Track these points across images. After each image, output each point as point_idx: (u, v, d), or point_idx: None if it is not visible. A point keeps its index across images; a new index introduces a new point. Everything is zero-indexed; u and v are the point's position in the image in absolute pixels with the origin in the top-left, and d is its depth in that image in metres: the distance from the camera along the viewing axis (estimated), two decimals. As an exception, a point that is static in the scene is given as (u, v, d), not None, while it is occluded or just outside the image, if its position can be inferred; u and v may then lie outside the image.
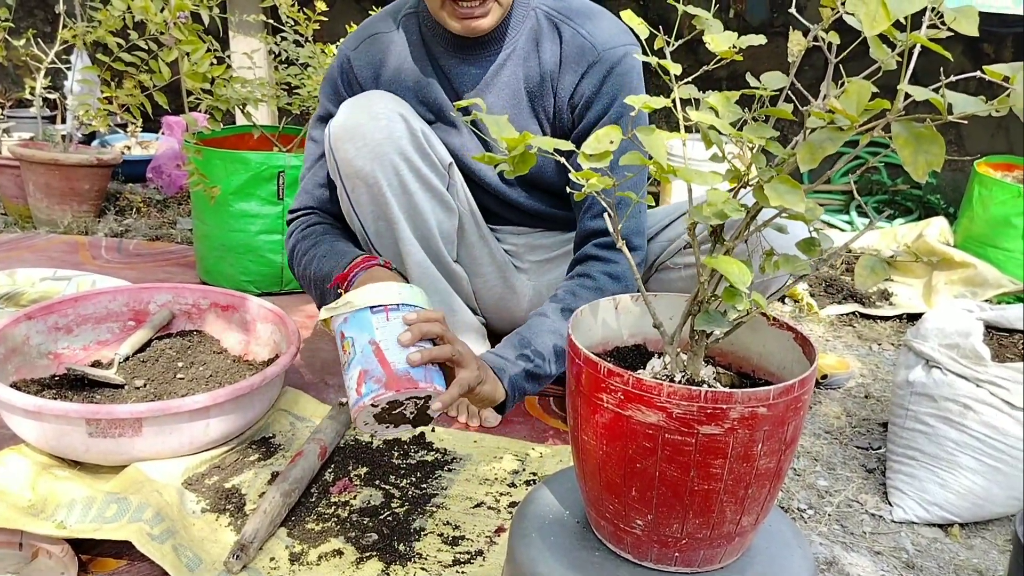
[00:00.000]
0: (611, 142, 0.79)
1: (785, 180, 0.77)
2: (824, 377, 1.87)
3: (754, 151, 0.81)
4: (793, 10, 0.86)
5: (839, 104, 0.73)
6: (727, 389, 0.87)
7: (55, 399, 1.37)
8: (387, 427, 1.13)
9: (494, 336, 1.63)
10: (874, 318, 2.32)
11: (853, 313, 2.33)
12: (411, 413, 1.11)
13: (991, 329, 1.52)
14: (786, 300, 2.37)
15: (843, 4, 0.75)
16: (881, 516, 1.40)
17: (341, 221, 1.52)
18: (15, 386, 1.39)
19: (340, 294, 1.26)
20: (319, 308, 1.37)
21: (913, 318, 2.30)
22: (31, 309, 1.51)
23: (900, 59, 0.77)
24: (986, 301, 2.29)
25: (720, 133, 0.80)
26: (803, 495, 1.45)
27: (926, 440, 1.41)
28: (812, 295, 2.39)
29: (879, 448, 1.62)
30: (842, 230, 3.19)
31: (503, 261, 1.60)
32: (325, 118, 1.49)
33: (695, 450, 0.80)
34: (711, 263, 0.79)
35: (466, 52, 1.43)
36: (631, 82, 1.40)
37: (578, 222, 1.47)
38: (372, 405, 1.06)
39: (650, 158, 0.78)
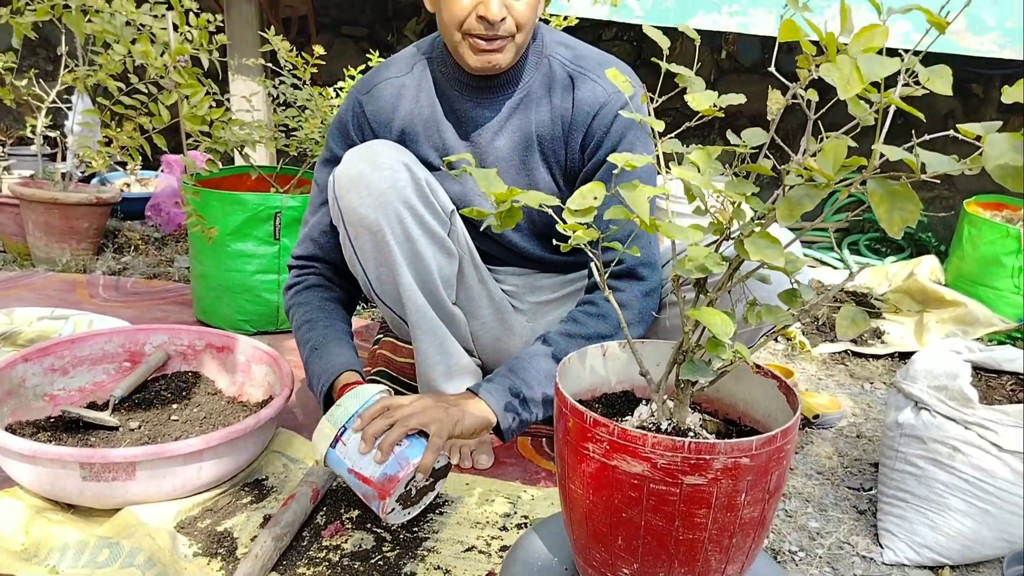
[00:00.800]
0: (595, 198, 0.81)
1: (764, 235, 0.79)
2: (816, 417, 1.88)
3: (735, 206, 0.83)
4: (772, 69, 0.89)
5: (815, 163, 0.75)
6: (711, 439, 0.88)
7: (50, 441, 1.37)
8: (420, 501, 1.24)
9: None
10: (866, 356, 2.34)
11: (845, 351, 2.34)
12: (425, 481, 1.22)
13: (980, 371, 1.54)
14: (779, 338, 2.39)
15: (818, 67, 0.77)
16: (872, 558, 1.41)
17: (341, 272, 1.55)
18: (10, 428, 1.40)
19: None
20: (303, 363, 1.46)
21: (905, 356, 2.31)
22: (28, 351, 1.53)
23: (878, 115, 0.79)
24: (977, 340, 2.30)
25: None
26: (794, 537, 1.45)
27: (916, 482, 1.41)
28: (804, 333, 2.41)
29: (871, 489, 1.62)
30: (834, 268, 3.21)
31: (501, 302, 1.62)
32: (331, 161, 1.51)
33: (679, 500, 0.81)
34: (694, 315, 0.81)
35: (480, 94, 1.47)
36: (637, 123, 1.43)
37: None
38: (387, 513, 1.18)
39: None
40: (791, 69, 0.90)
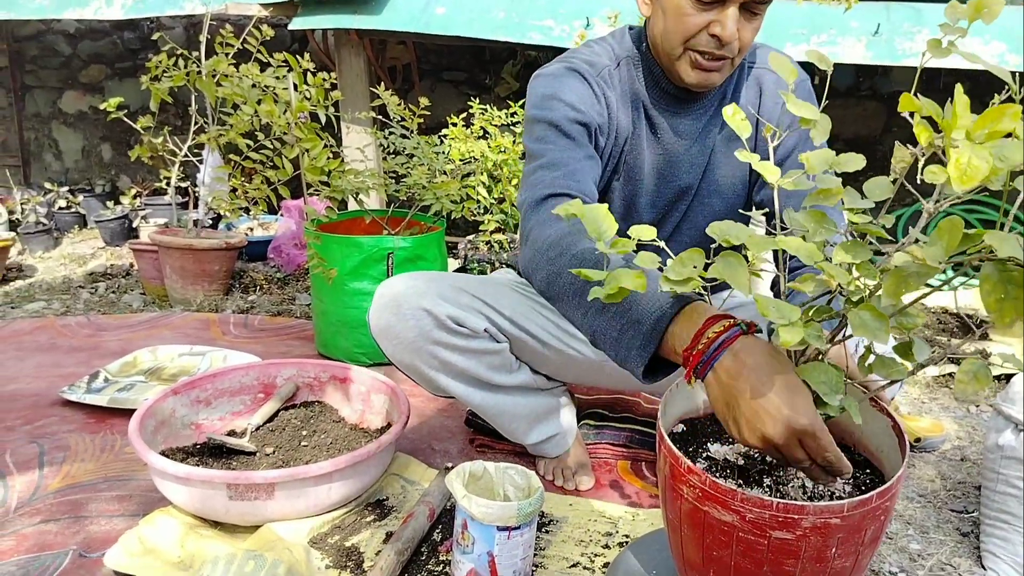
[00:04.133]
0: (694, 267, 0.85)
1: (870, 308, 0.79)
2: (918, 440, 1.88)
3: (847, 270, 0.82)
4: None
5: (921, 252, 0.74)
6: (799, 501, 0.92)
7: (198, 466, 1.54)
8: None
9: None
10: (973, 379, 2.30)
11: (950, 374, 2.32)
12: None
13: (1082, 392, 1.53)
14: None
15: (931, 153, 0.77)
16: (974, 580, 1.42)
17: None
18: (164, 454, 1.57)
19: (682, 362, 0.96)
20: (565, 295, 1.15)
21: (1012, 377, 2.27)
22: (177, 385, 1.71)
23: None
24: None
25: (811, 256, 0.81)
26: (895, 558, 1.48)
27: (1017, 503, 1.42)
28: (907, 357, 2.39)
29: (974, 511, 1.62)
30: (940, 289, 3.15)
31: (559, 347, 1.58)
32: (581, 123, 1.40)
33: (768, 549, 0.85)
34: (803, 372, 0.85)
35: (678, 105, 1.48)
36: (810, 100, 1.45)
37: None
38: None
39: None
40: (886, 91, 0.92)
